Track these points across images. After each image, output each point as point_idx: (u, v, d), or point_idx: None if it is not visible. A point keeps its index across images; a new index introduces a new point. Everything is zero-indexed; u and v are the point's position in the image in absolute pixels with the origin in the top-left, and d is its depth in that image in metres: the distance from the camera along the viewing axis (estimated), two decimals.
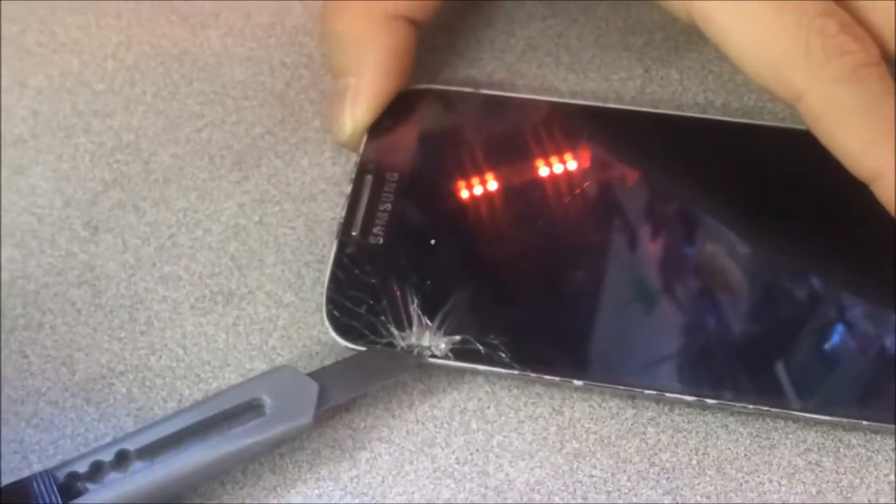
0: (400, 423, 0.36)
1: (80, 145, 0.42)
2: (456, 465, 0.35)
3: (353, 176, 0.39)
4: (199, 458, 0.34)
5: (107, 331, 0.38)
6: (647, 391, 0.35)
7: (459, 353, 0.35)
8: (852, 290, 0.36)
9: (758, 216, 0.37)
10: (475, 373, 0.36)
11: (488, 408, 0.36)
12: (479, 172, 0.39)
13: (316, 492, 0.35)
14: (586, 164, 0.39)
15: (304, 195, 0.40)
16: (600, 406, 0.36)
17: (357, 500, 0.35)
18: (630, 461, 0.35)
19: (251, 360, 0.37)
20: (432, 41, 0.42)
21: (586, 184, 0.38)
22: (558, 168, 0.39)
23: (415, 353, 0.35)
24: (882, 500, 0.34)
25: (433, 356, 0.35)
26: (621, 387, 0.35)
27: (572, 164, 0.39)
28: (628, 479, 0.35)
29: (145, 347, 0.38)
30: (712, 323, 0.35)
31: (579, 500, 0.34)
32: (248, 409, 0.34)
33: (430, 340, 0.35)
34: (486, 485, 0.35)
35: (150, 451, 0.34)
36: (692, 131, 0.39)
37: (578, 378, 0.35)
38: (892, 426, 0.34)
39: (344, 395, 0.35)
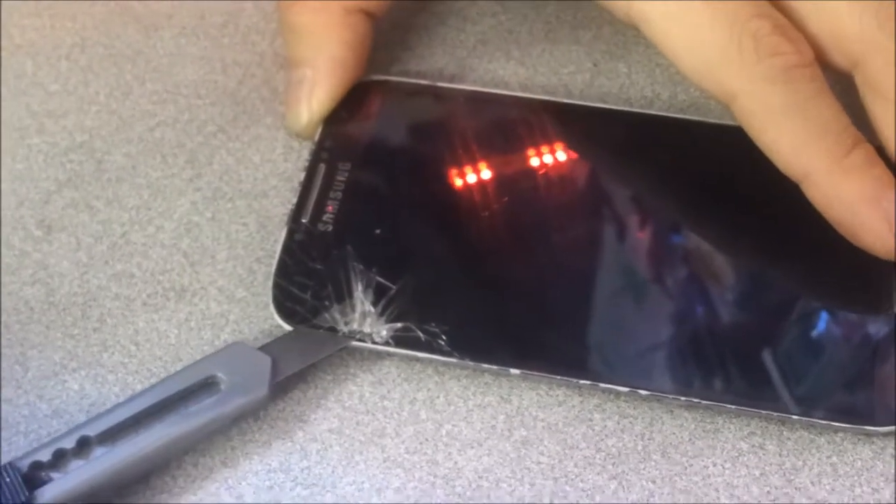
0: (350, 415, 0.36)
1: (33, 146, 0.42)
2: (405, 455, 0.35)
3: (307, 164, 0.39)
4: (159, 438, 0.34)
5: (60, 328, 0.38)
6: (581, 381, 0.35)
7: (400, 339, 0.36)
8: (796, 286, 0.36)
9: (700, 212, 0.38)
10: (415, 359, 0.36)
11: (437, 398, 0.36)
12: (430, 165, 0.39)
13: (267, 483, 0.35)
14: (535, 158, 0.39)
15: (256, 192, 0.40)
16: (547, 394, 0.36)
17: (308, 491, 0.35)
18: (577, 447, 0.35)
19: (203, 354, 0.37)
20: (384, 37, 0.43)
21: (532, 178, 0.39)
22: (507, 162, 0.39)
23: (356, 338, 0.36)
24: (824, 482, 0.34)
25: (374, 342, 0.36)
26: (557, 376, 0.35)
27: (521, 159, 0.39)
28: (575, 465, 0.35)
29: (98, 344, 0.38)
30: (650, 316, 0.36)
31: (527, 487, 0.35)
32: (204, 387, 0.35)
33: (372, 327, 0.36)
34: (436, 473, 0.35)
35: (111, 436, 0.34)
36: (642, 127, 0.40)
37: (515, 367, 0.35)
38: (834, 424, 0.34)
39: (296, 365, 0.36)
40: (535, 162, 0.39)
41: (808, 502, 0.34)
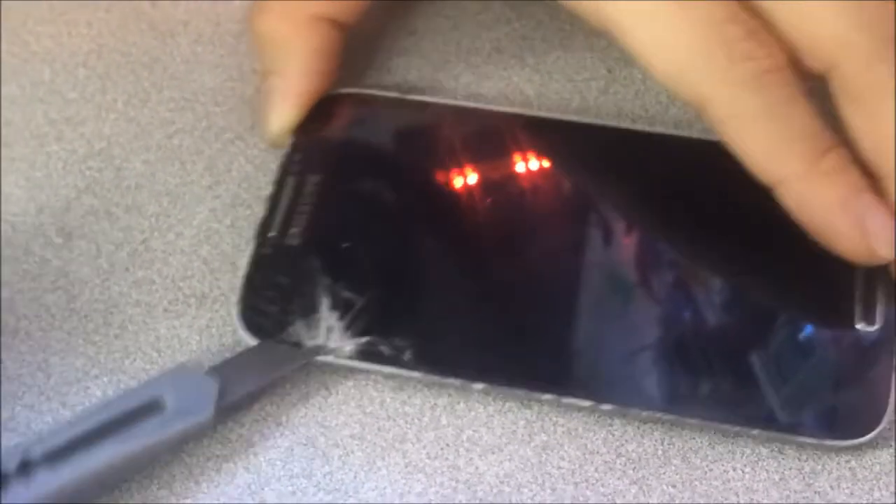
0: (371, 420, 0.36)
1: (52, 153, 0.42)
2: (427, 460, 0.36)
3: (276, 177, 0.39)
4: (101, 460, 0.34)
5: (81, 335, 0.38)
6: (544, 395, 0.35)
7: (365, 353, 0.36)
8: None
9: (666, 225, 0.38)
10: (378, 373, 0.37)
11: (458, 403, 0.37)
12: (398, 178, 0.40)
13: (290, 489, 0.35)
14: (502, 172, 0.39)
15: None
16: None
17: (330, 497, 0.35)
18: (597, 452, 0.36)
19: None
20: (399, 44, 0.43)
21: (500, 191, 0.39)
22: (474, 176, 0.39)
23: (321, 353, 0.36)
24: (843, 486, 0.34)
25: (338, 356, 0.36)
26: (519, 390, 0.36)
27: (491, 171, 0.39)
28: (596, 470, 0.35)
29: (119, 351, 0.38)
30: (614, 328, 0.36)
31: (548, 492, 0.35)
32: (149, 409, 0.35)
33: (338, 341, 0.36)
34: (457, 479, 0.35)
35: (54, 457, 0.34)
36: (618, 142, 0.40)
37: (478, 381, 0.36)
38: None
39: (246, 388, 0.36)
40: (505, 175, 0.39)
41: None
